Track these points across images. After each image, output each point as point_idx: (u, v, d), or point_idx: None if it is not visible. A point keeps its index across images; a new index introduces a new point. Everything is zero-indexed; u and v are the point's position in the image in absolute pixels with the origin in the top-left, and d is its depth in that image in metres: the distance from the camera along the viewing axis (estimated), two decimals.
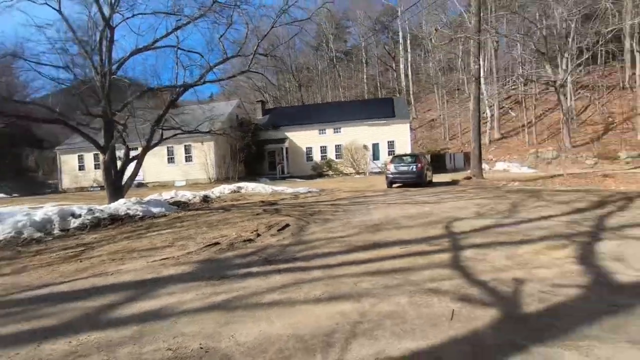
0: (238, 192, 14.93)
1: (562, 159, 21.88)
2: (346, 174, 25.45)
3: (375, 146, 26.08)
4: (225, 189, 14.91)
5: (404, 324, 2.71)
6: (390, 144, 25.78)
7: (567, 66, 25.08)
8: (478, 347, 2.38)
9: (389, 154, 23.28)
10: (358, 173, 25.22)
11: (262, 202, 10.88)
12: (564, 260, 4.07)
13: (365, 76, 50.74)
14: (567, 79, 26.09)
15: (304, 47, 51.52)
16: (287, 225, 6.70)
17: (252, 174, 24.85)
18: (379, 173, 19.67)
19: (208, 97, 54.01)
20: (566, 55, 25.14)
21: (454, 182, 15.11)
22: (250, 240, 5.66)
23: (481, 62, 31.06)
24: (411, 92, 41.56)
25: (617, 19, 25.92)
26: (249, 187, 15.44)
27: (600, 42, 25.92)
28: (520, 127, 29.93)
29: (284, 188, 15.06)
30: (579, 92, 30.96)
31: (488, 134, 30.44)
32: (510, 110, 33.28)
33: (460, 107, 32.28)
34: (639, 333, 2.43)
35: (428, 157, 24.59)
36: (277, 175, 25.42)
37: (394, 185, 14.29)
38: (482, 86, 30.85)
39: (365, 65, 50.77)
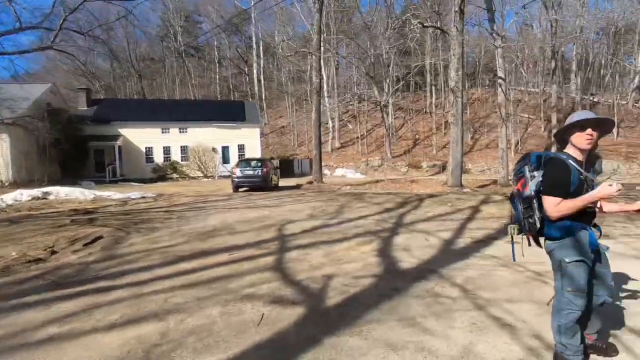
0: (44, 198, 11.91)
1: (385, 167, 26.26)
2: (193, 178, 23.83)
3: (225, 149, 25.38)
4: (23, 194, 11.65)
5: (209, 337, 2.54)
6: (241, 148, 25.55)
7: (388, 90, 30.34)
8: (279, 347, 2.43)
9: (239, 158, 22.99)
10: (206, 177, 23.98)
11: (75, 210, 8.95)
12: (368, 254, 4.72)
13: (217, 76, 49.07)
14: (389, 100, 31.56)
15: (145, 35, 45.95)
16: (100, 237, 5.65)
17: (71, 177, 20.32)
18: (228, 177, 19.16)
19: (9, 76, 41.69)
20: (388, 81, 30.44)
21: (297, 186, 16.06)
22: (38, 260, 4.47)
23: (324, 78, 34.43)
24: (263, 98, 42.49)
25: (419, 58, 33.14)
26: (61, 192, 12.51)
27: (410, 74, 32.54)
28: (356, 138, 34.48)
29: (112, 193, 12.89)
30: (397, 113, 37.97)
31: (330, 143, 33.86)
32: (348, 123, 37.96)
33: (307, 116, 34.85)
34: (406, 311, 2.95)
35: (277, 162, 25.48)
36: (106, 178, 21.59)
37: (241, 190, 14.14)
38: (326, 99, 34.20)
39: (218, 65, 49.10)
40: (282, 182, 18.93)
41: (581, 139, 2.02)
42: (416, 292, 3.37)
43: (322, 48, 30.21)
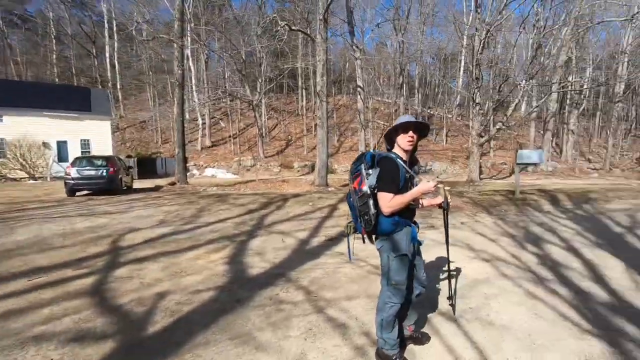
0: None
1: (257, 167, 26.01)
2: (14, 179, 18.66)
3: (63, 145, 20.74)
4: None
5: None
6: (86, 144, 21.33)
7: (261, 89, 30.19)
8: None
9: (82, 155, 19.17)
10: (34, 178, 19.13)
11: None
12: (218, 262, 4.31)
13: (55, 56, 40.20)
14: (261, 100, 31.42)
15: None
16: None
17: None
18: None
19: None
20: (260, 80, 30.25)
21: (156, 188, 14.28)
22: None
23: (193, 71, 32.03)
24: (119, 87, 36.78)
25: (292, 61, 34.10)
26: None
27: (282, 75, 33.16)
28: (228, 137, 33.19)
29: None
30: (271, 113, 38.25)
31: (200, 141, 31.68)
32: (220, 121, 36.26)
33: (172, 110, 31.79)
34: (243, 326, 2.68)
35: (133, 160, 22.41)
36: None
37: (79, 194, 11.71)
38: (194, 94, 31.86)
39: (55, 41, 40.21)
40: (140, 184, 16.66)
41: (404, 140, 2.17)
42: (259, 301, 3.14)
43: (188, 37, 28.00)
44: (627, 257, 4.35)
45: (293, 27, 15.43)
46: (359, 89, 21.05)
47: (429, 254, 4.36)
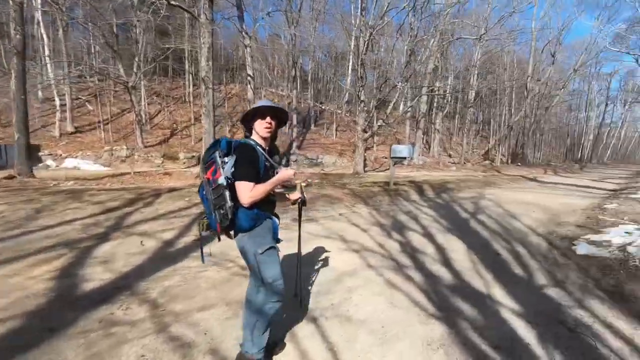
0: None
1: (135, 158, 23.02)
2: None
3: None
4: None
5: None
6: None
7: (138, 70, 26.62)
8: None
9: None
10: None
11: None
12: (41, 277, 3.39)
13: None
14: (139, 82, 27.78)
15: None
16: None
17: None
18: None
19: None
20: (137, 59, 26.64)
21: None
22: None
23: (46, 39, 26.43)
24: None
25: (178, 41, 31.01)
26: None
27: (165, 56, 29.87)
28: (98, 122, 28.40)
29: None
30: (152, 98, 34.27)
31: (59, 125, 26.30)
32: (87, 103, 30.81)
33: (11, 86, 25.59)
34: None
35: None
36: None
37: None
38: (49, 68, 26.39)
39: None
40: None
41: (261, 127, 1.99)
42: (84, 325, 2.50)
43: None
44: (469, 241, 5.01)
45: (172, 2, 13.83)
46: (249, 78, 20.37)
47: (306, 247, 4.25)
